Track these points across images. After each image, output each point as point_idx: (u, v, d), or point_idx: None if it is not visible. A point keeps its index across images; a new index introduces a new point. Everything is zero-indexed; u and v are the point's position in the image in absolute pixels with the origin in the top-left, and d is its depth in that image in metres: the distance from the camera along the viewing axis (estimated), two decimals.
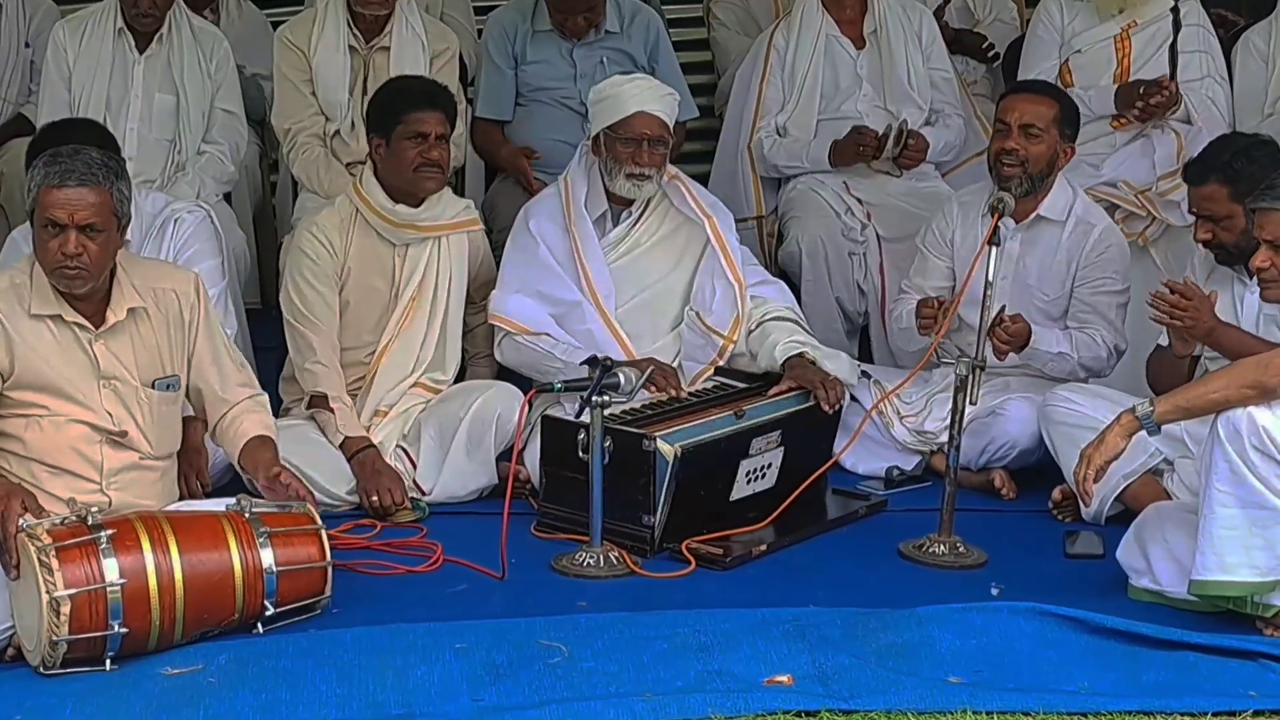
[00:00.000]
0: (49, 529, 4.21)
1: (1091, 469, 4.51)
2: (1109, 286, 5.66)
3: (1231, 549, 4.38)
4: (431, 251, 5.61)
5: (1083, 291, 5.66)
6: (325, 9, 6.39)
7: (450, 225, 5.64)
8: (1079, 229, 5.69)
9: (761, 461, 5.26)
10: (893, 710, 3.97)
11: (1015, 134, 5.56)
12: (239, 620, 4.37)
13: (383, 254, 5.59)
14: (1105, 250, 5.67)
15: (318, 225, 5.56)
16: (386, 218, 5.55)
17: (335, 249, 5.53)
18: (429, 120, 5.48)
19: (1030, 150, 5.56)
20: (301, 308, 5.50)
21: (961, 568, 4.98)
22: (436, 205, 5.60)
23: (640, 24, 6.69)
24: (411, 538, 5.14)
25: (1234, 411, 4.35)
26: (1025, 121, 5.56)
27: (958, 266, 5.77)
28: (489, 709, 3.97)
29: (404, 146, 5.49)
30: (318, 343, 5.48)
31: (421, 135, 5.47)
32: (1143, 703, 4.01)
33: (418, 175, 5.50)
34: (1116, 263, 5.69)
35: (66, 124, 5.43)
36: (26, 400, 4.53)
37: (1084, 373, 5.61)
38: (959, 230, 5.81)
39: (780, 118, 6.67)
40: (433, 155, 5.48)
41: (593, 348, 5.40)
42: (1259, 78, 6.68)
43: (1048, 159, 5.60)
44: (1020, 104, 5.62)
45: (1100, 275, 5.66)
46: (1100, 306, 5.65)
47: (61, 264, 4.45)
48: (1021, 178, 5.57)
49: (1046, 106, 5.61)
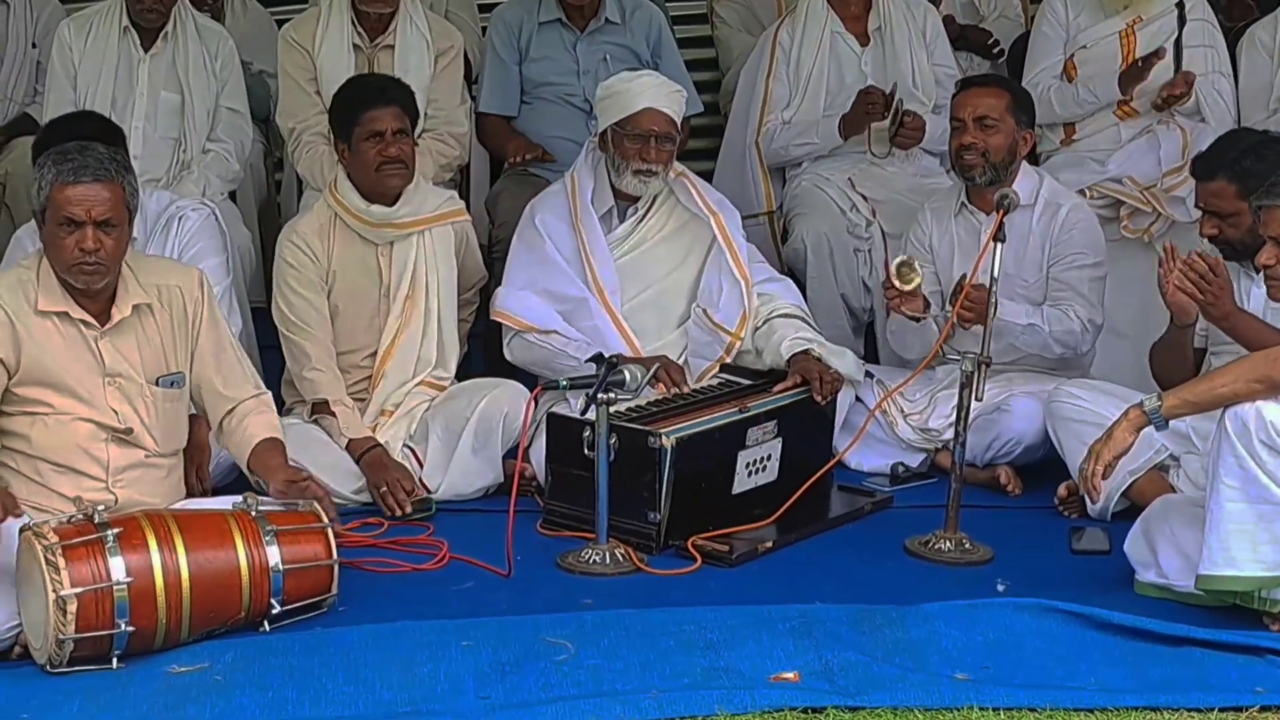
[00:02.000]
0: (56, 527, 4.21)
1: (1100, 465, 4.51)
2: (1081, 261, 5.69)
3: (1239, 544, 4.38)
4: (417, 247, 5.60)
5: (1056, 269, 5.70)
6: (329, 7, 6.39)
7: (431, 218, 5.62)
8: (1048, 211, 5.74)
9: (760, 453, 5.26)
10: (899, 707, 3.97)
11: (971, 128, 5.65)
12: (245, 618, 4.37)
13: (366, 255, 5.58)
14: (1074, 226, 5.71)
15: (297, 233, 5.55)
16: (363, 219, 5.54)
17: (317, 254, 5.52)
18: (383, 117, 5.45)
19: (989, 141, 5.64)
20: (291, 316, 5.50)
21: (967, 564, 4.98)
22: (414, 200, 5.58)
23: (642, 17, 6.70)
24: (418, 535, 5.14)
25: (1242, 406, 4.35)
26: (979, 114, 5.64)
27: (940, 270, 5.79)
28: (496, 706, 3.97)
29: (363, 148, 5.47)
30: (312, 349, 5.48)
31: (377, 134, 5.45)
32: (1149, 698, 4.01)
33: (381, 174, 5.48)
34: (1086, 236, 5.72)
35: (73, 117, 5.44)
36: (32, 397, 4.53)
37: (1059, 347, 5.61)
38: (935, 235, 5.86)
39: (786, 114, 6.67)
40: (391, 152, 5.45)
41: (599, 344, 5.40)
42: (1264, 73, 6.67)
43: (1007, 147, 5.67)
44: (971, 99, 5.71)
45: (1071, 251, 5.69)
46: (1073, 281, 5.67)
47: (79, 260, 4.46)
48: (984, 168, 5.65)
49: (996, 97, 5.69)
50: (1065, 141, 6.61)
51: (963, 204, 5.79)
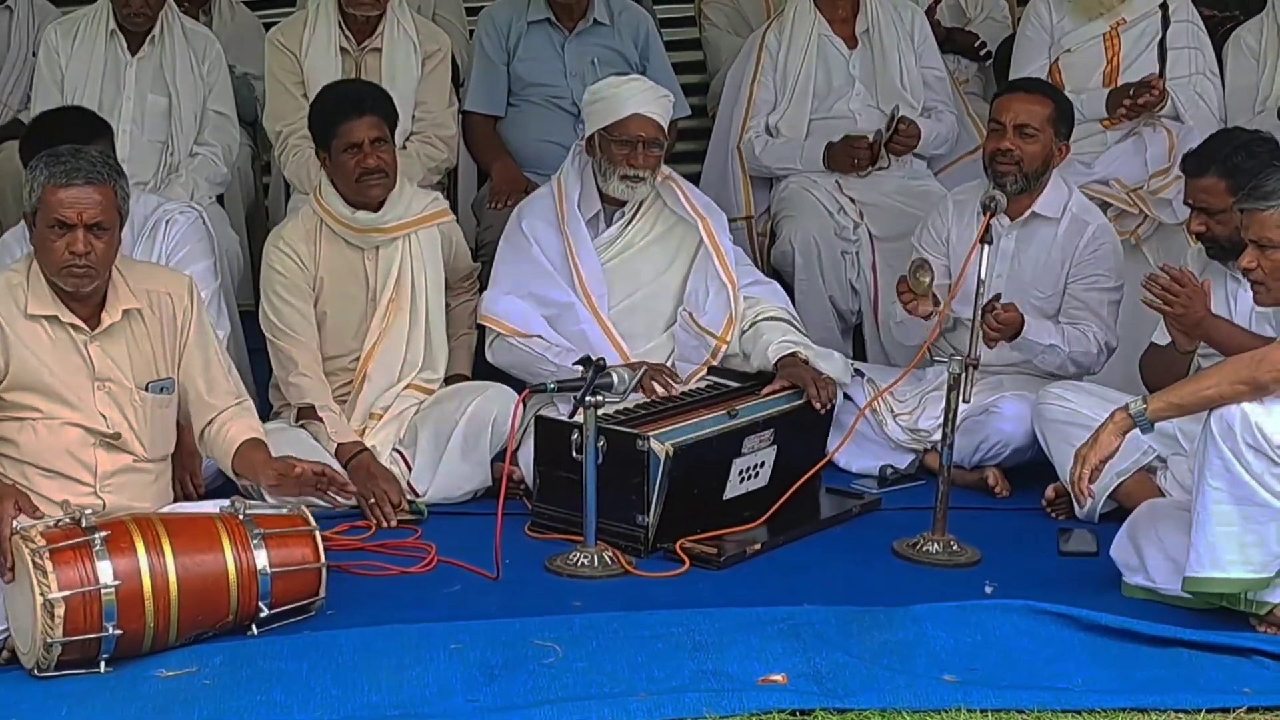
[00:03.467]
0: (43, 531, 4.21)
1: (1086, 469, 4.51)
2: (1102, 284, 5.66)
3: (1225, 545, 4.38)
4: (403, 251, 5.58)
5: (1075, 288, 5.67)
6: (316, 11, 6.38)
7: (416, 221, 5.60)
8: (1073, 226, 5.69)
9: (754, 460, 5.27)
10: (887, 709, 3.98)
11: (1010, 134, 5.56)
12: (233, 622, 4.37)
13: (353, 260, 5.57)
14: (1099, 248, 5.67)
15: (284, 239, 5.54)
16: (348, 225, 5.53)
17: (304, 260, 5.51)
18: (359, 128, 5.42)
19: (1025, 149, 5.56)
20: (278, 322, 5.49)
21: (955, 566, 4.99)
22: (399, 204, 5.57)
23: (630, 19, 6.70)
24: (406, 539, 5.14)
25: (1227, 408, 4.35)
26: (1020, 121, 5.57)
27: (953, 265, 5.76)
28: (484, 709, 3.97)
29: (342, 160, 5.45)
30: (299, 355, 5.47)
31: (355, 145, 5.42)
32: (1137, 699, 4.02)
33: (361, 185, 5.46)
34: (1110, 260, 5.69)
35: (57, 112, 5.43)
36: (21, 402, 4.52)
37: (1073, 367, 5.61)
38: (954, 229, 5.81)
39: (772, 118, 6.68)
40: (369, 163, 5.42)
41: (586, 349, 5.39)
42: (1250, 75, 6.68)
43: (1043, 158, 5.60)
44: (1015, 103, 5.62)
45: (1093, 272, 5.66)
46: (1092, 303, 5.65)
47: (70, 263, 4.45)
48: (1017, 176, 5.57)
49: (1041, 105, 5.62)
50: None
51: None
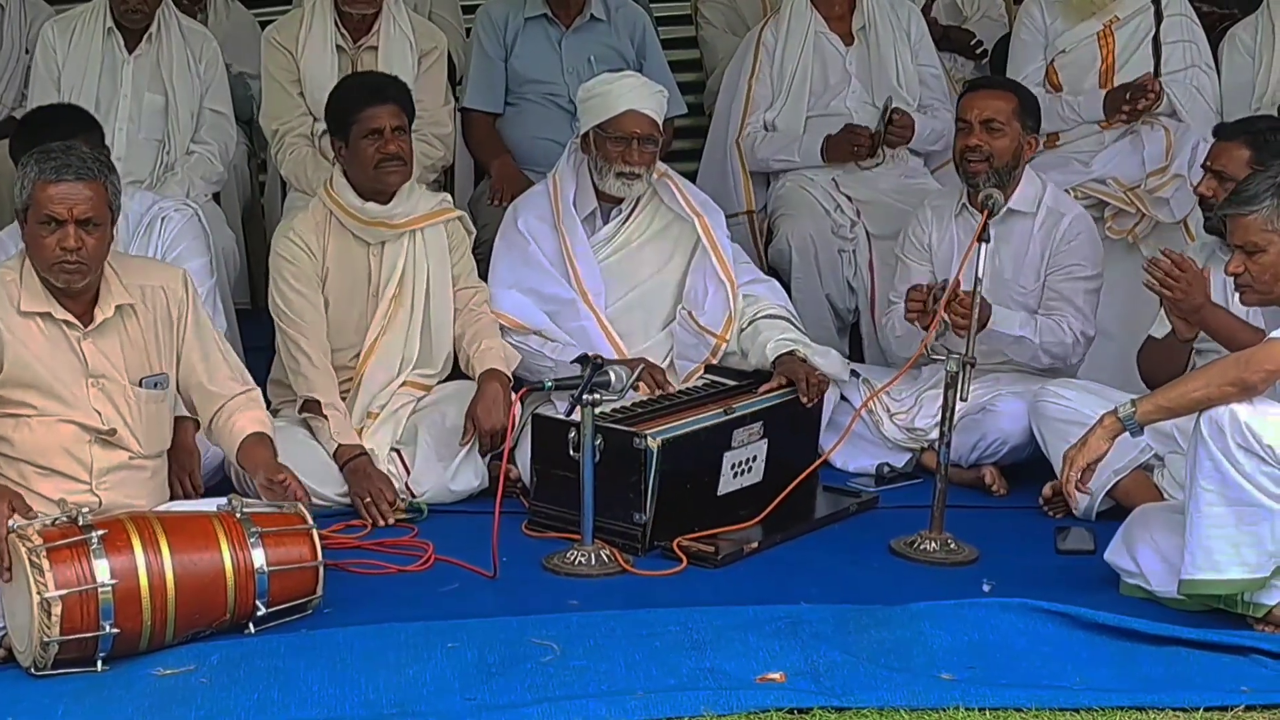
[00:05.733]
0: (40, 530, 4.20)
1: (1074, 471, 4.51)
2: (1078, 273, 5.67)
3: (1220, 547, 4.38)
4: (408, 248, 5.57)
5: (1053, 279, 5.68)
6: (312, 9, 6.38)
7: (423, 218, 5.60)
8: (1049, 219, 5.71)
9: (746, 454, 5.26)
10: (885, 707, 3.98)
11: (977, 130, 5.60)
12: (231, 620, 4.37)
13: (358, 254, 5.57)
14: (1075, 237, 5.69)
15: (294, 229, 5.54)
16: (358, 217, 5.52)
17: (313, 250, 5.51)
18: (381, 115, 5.43)
19: (994, 144, 5.59)
20: (287, 310, 5.49)
21: (953, 564, 4.98)
22: (408, 200, 5.57)
23: (627, 16, 6.70)
24: (403, 537, 5.14)
25: (1216, 410, 4.35)
26: (985, 117, 5.60)
27: (938, 269, 5.78)
28: (481, 707, 3.97)
29: (361, 146, 5.45)
30: (307, 345, 5.46)
31: (376, 131, 5.43)
32: (1135, 698, 4.02)
33: (380, 171, 5.46)
34: (1086, 249, 5.70)
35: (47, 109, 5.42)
36: (15, 399, 4.52)
37: (1047, 358, 5.61)
38: (934, 233, 5.84)
39: (769, 114, 6.68)
40: (390, 149, 5.44)
41: (585, 345, 5.40)
42: (1246, 72, 6.69)
43: (1012, 152, 5.63)
44: (979, 100, 5.67)
45: (1070, 262, 5.67)
46: (1068, 293, 5.66)
47: (61, 259, 4.45)
48: (988, 172, 5.60)
49: (1004, 100, 5.65)
50: (1049, 143, 6.61)
51: (963, 205, 5.74)
